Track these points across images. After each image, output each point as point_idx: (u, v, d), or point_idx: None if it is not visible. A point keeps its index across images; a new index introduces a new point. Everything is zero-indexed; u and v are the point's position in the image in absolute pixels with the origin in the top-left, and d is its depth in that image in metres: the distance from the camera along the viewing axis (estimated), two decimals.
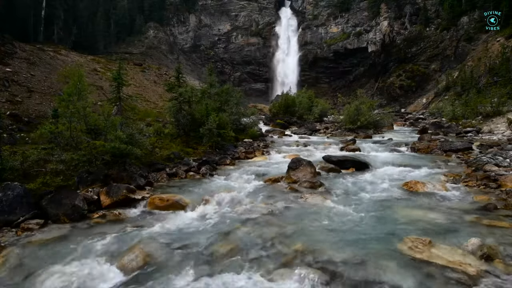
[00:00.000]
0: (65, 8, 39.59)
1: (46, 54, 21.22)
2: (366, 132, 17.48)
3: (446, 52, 42.78)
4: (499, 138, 13.49)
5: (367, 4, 52.38)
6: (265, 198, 6.25)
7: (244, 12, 59.76)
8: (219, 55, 59.85)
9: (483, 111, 18.31)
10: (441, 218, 4.99)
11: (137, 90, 24.37)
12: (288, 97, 24.78)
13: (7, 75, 14.61)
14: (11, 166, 5.86)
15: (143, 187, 6.77)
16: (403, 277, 3.38)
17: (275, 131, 19.17)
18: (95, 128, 7.44)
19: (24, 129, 10.08)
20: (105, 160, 6.81)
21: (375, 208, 5.57)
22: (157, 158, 8.74)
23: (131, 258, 3.91)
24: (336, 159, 9.06)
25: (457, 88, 31.44)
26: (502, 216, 4.92)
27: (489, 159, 8.20)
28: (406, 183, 6.87)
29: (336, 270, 3.55)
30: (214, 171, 8.61)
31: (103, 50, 43.33)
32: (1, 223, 4.80)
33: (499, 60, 28.97)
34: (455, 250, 3.85)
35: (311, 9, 58.38)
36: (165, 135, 11.23)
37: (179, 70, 12.67)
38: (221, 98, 15.03)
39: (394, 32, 49.00)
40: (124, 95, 10.41)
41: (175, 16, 58.35)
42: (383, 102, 42.55)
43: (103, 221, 5.18)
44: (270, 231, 4.63)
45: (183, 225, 5.04)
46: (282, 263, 3.78)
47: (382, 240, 4.27)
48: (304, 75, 55.40)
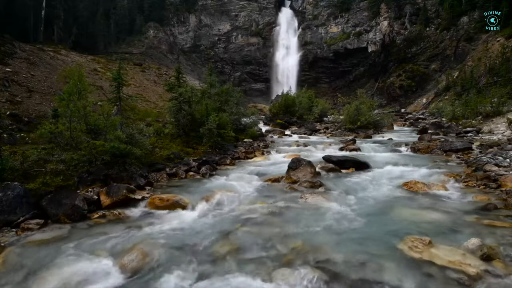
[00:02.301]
0: (65, 8, 39.62)
1: (46, 54, 21.22)
2: (366, 132, 17.49)
3: (446, 52, 42.80)
4: (499, 138, 13.48)
5: (367, 4, 52.42)
6: (265, 198, 6.24)
7: (244, 12, 59.77)
8: (219, 55, 59.86)
9: (483, 111, 18.31)
10: (441, 218, 4.99)
11: (137, 90, 24.38)
12: (288, 97, 24.78)
13: (7, 75, 14.61)
14: (11, 166, 5.86)
15: (143, 187, 6.77)
16: (403, 277, 3.37)
17: (275, 131, 19.18)
18: (95, 128, 7.43)
19: (24, 129, 10.08)
20: (105, 160, 6.81)
21: (375, 208, 5.57)
22: (157, 158, 8.74)
23: (131, 258, 3.91)
24: (336, 159, 9.06)
25: (457, 88, 31.46)
26: (502, 216, 4.92)
27: (489, 159, 8.20)
28: (406, 183, 6.86)
29: (336, 270, 3.55)
30: (214, 171, 8.60)
31: (103, 50, 43.35)
32: (1, 223, 4.80)
33: (499, 60, 28.99)
34: (455, 250, 3.84)
35: (311, 9, 58.41)
36: (165, 135, 11.23)
37: (179, 70, 12.67)
38: (221, 98, 15.04)
39: (394, 32, 49.03)
40: (124, 95, 10.40)
41: (175, 16, 58.40)
42: (383, 102, 42.58)
43: (103, 221, 5.18)
44: (270, 231, 4.63)
45: (183, 225, 5.03)
46: (282, 263, 3.78)
47: (382, 240, 4.27)
48: (304, 75, 55.40)
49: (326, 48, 55.47)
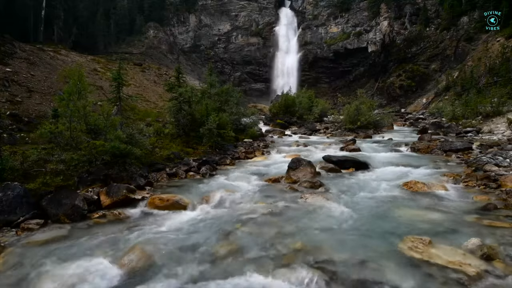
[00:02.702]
0: (65, 8, 39.63)
1: (46, 54, 21.22)
2: (366, 132, 17.48)
3: (446, 52, 42.78)
4: (499, 138, 13.48)
5: (367, 4, 52.40)
6: (265, 198, 6.24)
7: (244, 12, 59.77)
8: (219, 55, 59.84)
9: (483, 111, 18.30)
10: (441, 218, 4.99)
11: (137, 90, 24.38)
12: (288, 97, 24.78)
13: (7, 75, 14.61)
14: (11, 166, 5.86)
15: (143, 187, 6.77)
16: (403, 277, 3.37)
17: (275, 131, 19.17)
18: (95, 128, 7.44)
19: (24, 129, 10.08)
20: (105, 160, 6.81)
21: (375, 208, 5.57)
22: (157, 158, 8.74)
23: (131, 258, 3.91)
24: (336, 159, 9.06)
25: (457, 88, 31.45)
26: (502, 216, 4.92)
27: (489, 159, 8.20)
28: (406, 183, 6.86)
29: (336, 270, 3.55)
30: (214, 171, 8.60)
31: (103, 50, 43.35)
32: (1, 223, 4.80)
33: (499, 60, 28.98)
34: (455, 250, 3.84)
35: (311, 9, 58.39)
36: (165, 135, 11.23)
37: (179, 70, 12.67)
38: (221, 98, 15.04)
39: (394, 32, 49.02)
40: (124, 95, 10.40)
41: (175, 16, 58.38)
42: (383, 102, 42.56)
43: (103, 221, 5.18)
44: (270, 231, 4.63)
45: (183, 225, 5.03)
46: (282, 263, 3.77)
47: (382, 240, 4.27)
48: (304, 75, 55.39)
49: (326, 48, 55.45)
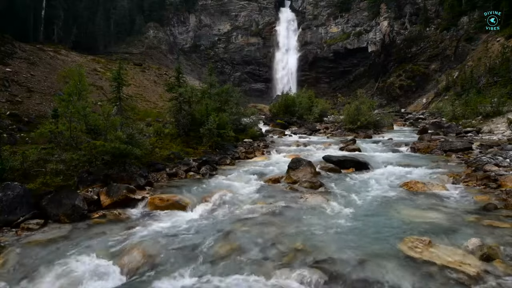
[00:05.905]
0: (65, 8, 39.65)
1: (46, 54, 21.23)
2: (366, 132, 17.48)
3: (446, 52, 42.78)
4: (499, 138, 13.47)
5: (367, 4, 52.43)
6: (265, 198, 6.24)
7: (244, 12, 59.81)
8: (219, 55, 59.89)
9: (483, 111, 18.30)
10: (441, 218, 4.99)
11: (137, 90, 24.38)
12: (288, 97, 24.79)
13: (7, 75, 14.62)
14: (11, 166, 5.85)
15: (143, 187, 6.76)
16: (403, 277, 3.37)
17: (275, 131, 19.16)
18: (95, 128, 7.43)
19: (24, 129, 10.08)
20: (105, 160, 6.80)
21: (375, 208, 5.57)
22: (157, 158, 8.73)
23: (131, 258, 3.91)
24: (336, 159, 9.06)
25: (457, 88, 31.44)
26: (502, 216, 4.92)
27: (489, 159, 8.20)
28: (406, 183, 6.86)
29: (336, 270, 3.55)
30: (214, 171, 8.60)
31: (103, 50, 43.38)
32: (1, 223, 4.80)
33: (499, 60, 28.96)
34: (455, 250, 3.84)
35: (311, 9, 58.40)
36: (165, 135, 11.22)
37: (179, 70, 12.65)
38: (221, 98, 15.02)
39: (394, 32, 49.04)
40: (124, 95, 10.39)
41: (175, 16, 58.43)
42: (383, 102, 42.57)
43: (103, 221, 5.18)
44: (270, 231, 4.63)
45: (183, 225, 5.03)
46: (282, 263, 3.78)
47: (382, 240, 4.27)
48: (304, 75, 55.44)
49: (326, 48, 55.49)
